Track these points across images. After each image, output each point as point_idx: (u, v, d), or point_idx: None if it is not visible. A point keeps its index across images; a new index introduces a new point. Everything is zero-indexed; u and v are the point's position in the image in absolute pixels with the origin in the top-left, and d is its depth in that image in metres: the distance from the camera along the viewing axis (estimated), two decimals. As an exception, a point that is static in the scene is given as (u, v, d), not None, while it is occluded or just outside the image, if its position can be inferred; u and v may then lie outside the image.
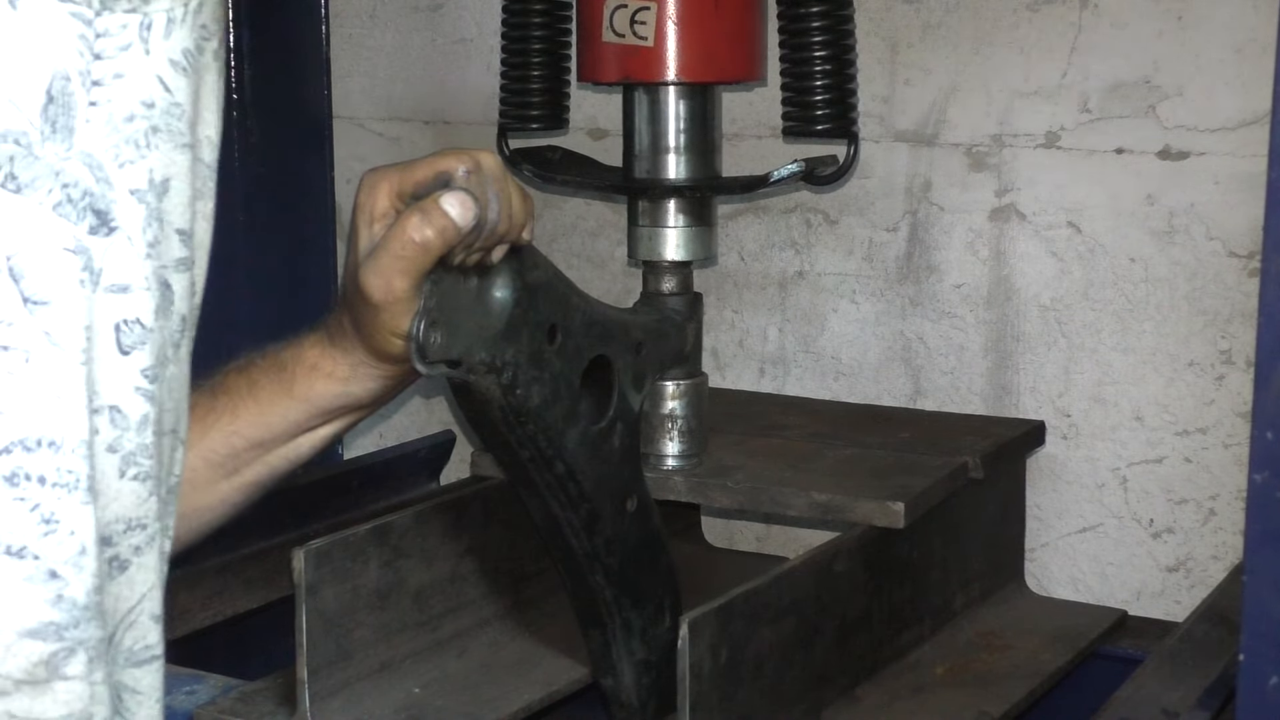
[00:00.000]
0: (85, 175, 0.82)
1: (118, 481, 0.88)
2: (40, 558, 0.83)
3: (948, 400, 2.00)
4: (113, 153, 0.84)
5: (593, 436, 1.43)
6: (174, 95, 0.86)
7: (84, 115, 0.82)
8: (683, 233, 1.69)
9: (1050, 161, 1.91)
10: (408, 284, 1.18)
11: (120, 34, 0.83)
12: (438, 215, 1.17)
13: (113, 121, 0.83)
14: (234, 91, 2.27)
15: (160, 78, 0.85)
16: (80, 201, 0.82)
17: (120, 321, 0.86)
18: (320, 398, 1.26)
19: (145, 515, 0.90)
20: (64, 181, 0.81)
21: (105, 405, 0.86)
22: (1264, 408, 1.02)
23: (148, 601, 0.92)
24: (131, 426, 0.88)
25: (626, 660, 1.53)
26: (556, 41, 1.81)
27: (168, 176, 0.87)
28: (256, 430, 1.25)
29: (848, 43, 1.73)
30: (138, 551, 0.91)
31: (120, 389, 0.87)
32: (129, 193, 0.85)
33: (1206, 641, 1.51)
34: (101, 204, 0.83)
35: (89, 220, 0.83)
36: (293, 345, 1.27)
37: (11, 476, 0.81)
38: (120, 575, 0.90)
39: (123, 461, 0.88)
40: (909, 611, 1.67)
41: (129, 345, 0.86)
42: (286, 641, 1.47)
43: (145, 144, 0.85)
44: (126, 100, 0.84)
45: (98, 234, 0.83)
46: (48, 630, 0.84)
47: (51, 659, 0.84)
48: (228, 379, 1.26)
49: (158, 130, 0.86)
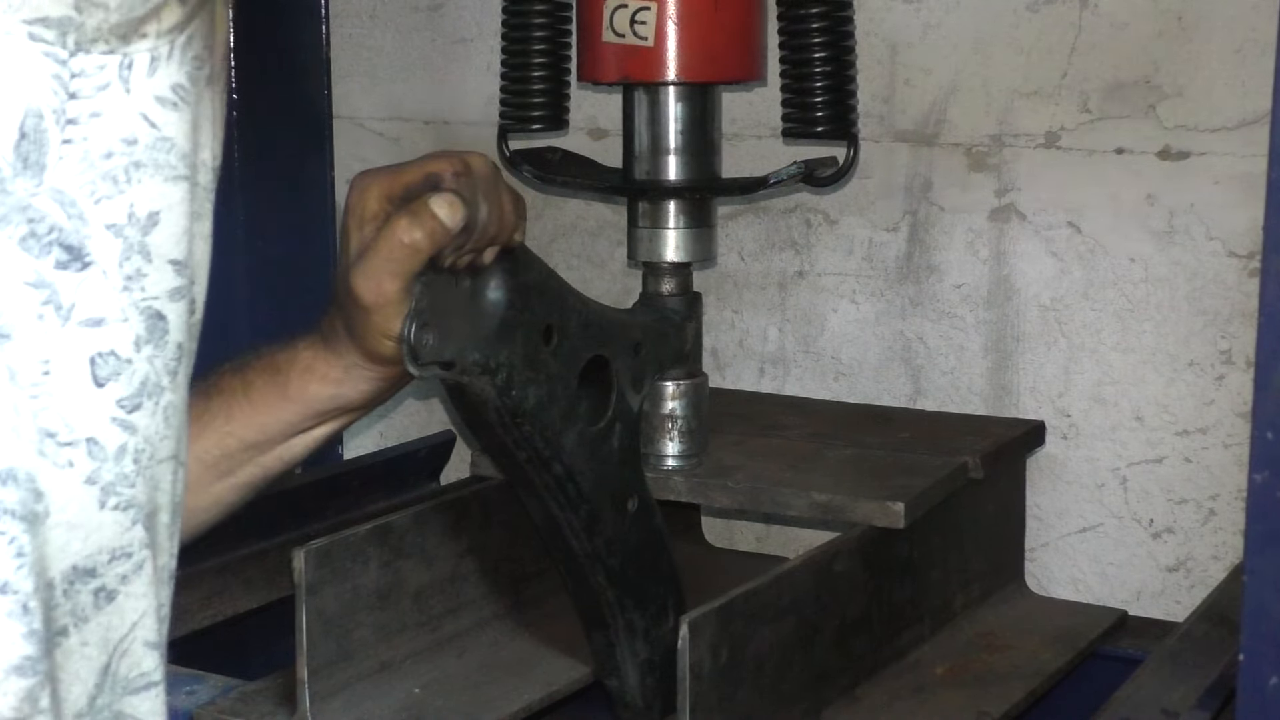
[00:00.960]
0: (55, 211, 0.82)
1: (99, 513, 0.87)
2: (18, 592, 0.83)
3: (948, 400, 2.00)
4: (88, 189, 0.83)
5: (591, 437, 1.43)
6: (161, 130, 0.86)
7: (57, 153, 0.82)
8: (682, 234, 1.69)
9: (1050, 161, 1.91)
10: (398, 286, 1.18)
11: (98, 74, 0.82)
12: (427, 217, 1.17)
13: (89, 158, 0.83)
14: (234, 92, 2.27)
15: (145, 115, 0.85)
16: (46, 236, 0.82)
17: (96, 355, 0.86)
18: (314, 399, 1.26)
19: (130, 544, 0.90)
20: (30, 217, 0.81)
21: (81, 438, 0.86)
22: (1264, 408, 1.02)
23: (140, 629, 0.92)
24: (109, 457, 0.87)
25: (630, 661, 1.53)
26: (557, 42, 1.81)
27: (155, 210, 0.87)
28: (251, 432, 1.25)
29: (847, 44, 1.73)
30: (124, 580, 0.90)
31: (95, 421, 0.86)
32: (105, 227, 0.84)
33: (1206, 641, 1.51)
34: (73, 239, 0.83)
35: (55, 254, 0.83)
36: (287, 347, 1.27)
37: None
38: (108, 605, 0.90)
39: (102, 492, 0.87)
40: (909, 611, 1.67)
41: (104, 377, 0.86)
42: (286, 641, 1.47)
43: (125, 179, 0.85)
44: (104, 138, 0.83)
45: (68, 269, 0.83)
46: (26, 665, 0.84)
47: (31, 693, 0.84)
48: (222, 380, 1.26)
49: (141, 165, 0.85)
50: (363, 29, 2.31)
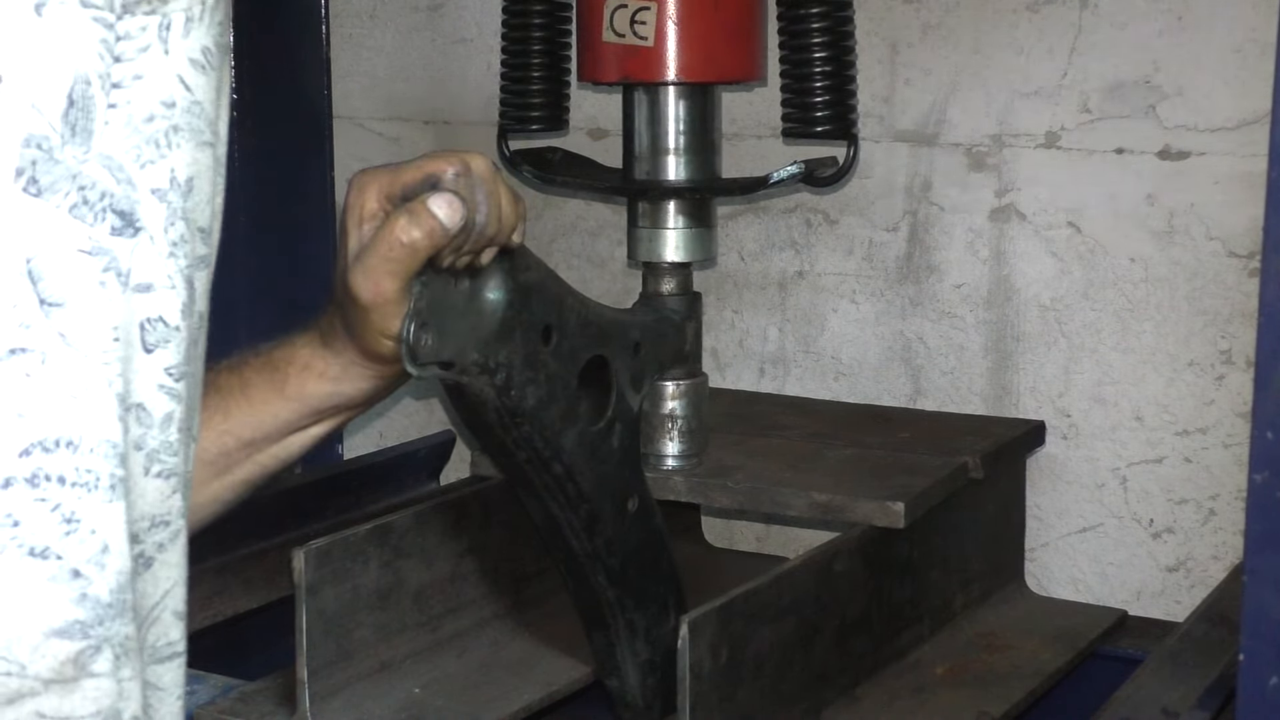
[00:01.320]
0: (104, 177, 0.83)
1: (143, 479, 0.88)
2: (63, 557, 0.84)
3: (948, 400, 2.00)
4: (134, 153, 0.84)
5: (591, 437, 1.43)
6: (194, 94, 0.87)
7: (103, 118, 0.82)
8: (682, 234, 1.69)
9: (1050, 161, 1.91)
10: (395, 285, 1.18)
11: (140, 36, 0.83)
12: (425, 217, 1.17)
13: (132, 123, 0.84)
14: (234, 91, 2.27)
15: (180, 77, 0.86)
16: (99, 203, 0.83)
17: (145, 320, 0.86)
18: (312, 397, 1.26)
19: (169, 512, 0.91)
20: (80, 184, 0.82)
21: (131, 403, 0.87)
22: (1264, 408, 1.02)
23: (170, 599, 0.93)
24: (155, 424, 0.88)
25: (631, 661, 1.52)
26: (557, 42, 1.81)
27: (191, 175, 0.88)
28: (248, 429, 1.26)
29: (848, 44, 1.73)
30: (161, 548, 0.91)
31: (145, 387, 0.87)
32: (150, 192, 0.85)
33: (1206, 641, 1.51)
34: (124, 205, 0.84)
35: (110, 221, 0.83)
36: (285, 345, 1.27)
37: (32, 478, 0.82)
38: (145, 572, 0.91)
39: (147, 459, 0.88)
40: (909, 611, 1.68)
41: (153, 344, 0.87)
42: (286, 641, 1.47)
43: (166, 143, 0.86)
44: (146, 101, 0.84)
45: (122, 235, 0.84)
46: (73, 629, 0.84)
47: (79, 657, 0.85)
48: (219, 378, 1.26)
49: (179, 129, 0.86)
50: (363, 29, 2.31)
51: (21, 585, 0.82)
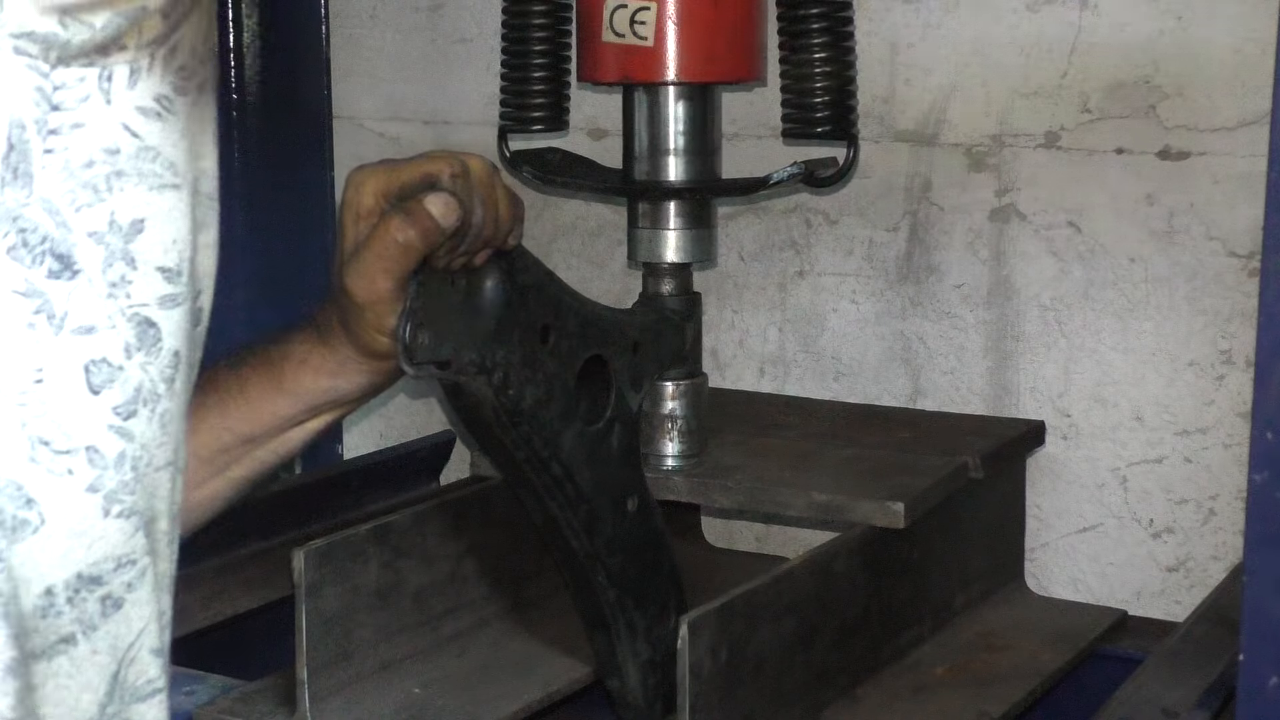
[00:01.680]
0: (45, 220, 0.83)
1: (103, 521, 0.88)
2: None
3: (948, 400, 2.00)
4: (69, 198, 0.84)
5: (590, 437, 1.43)
6: (144, 140, 0.86)
7: (40, 162, 0.82)
8: (683, 235, 1.69)
9: (1050, 161, 1.91)
10: (390, 283, 1.18)
11: (78, 86, 0.83)
12: (421, 216, 1.17)
13: (69, 168, 0.84)
14: (234, 91, 2.27)
15: (126, 125, 0.85)
16: (38, 246, 0.82)
17: (89, 362, 0.86)
18: (309, 392, 1.26)
19: (134, 551, 0.90)
20: (21, 226, 0.82)
21: (79, 446, 0.86)
22: (1264, 408, 1.02)
23: (145, 637, 0.93)
24: (110, 464, 0.88)
25: (632, 661, 1.52)
26: (557, 43, 1.81)
27: (139, 217, 0.87)
28: (246, 426, 1.25)
29: (847, 44, 1.73)
30: (130, 588, 0.91)
31: (93, 429, 0.87)
32: (87, 235, 0.85)
33: (1206, 641, 1.51)
34: (62, 248, 0.84)
35: (49, 264, 0.83)
36: (281, 340, 1.27)
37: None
38: (116, 613, 0.90)
39: (106, 500, 0.88)
40: (909, 611, 1.67)
41: (99, 384, 0.86)
42: (286, 641, 1.47)
43: (106, 188, 0.85)
44: (85, 148, 0.84)
45: (60, 278, 0.84)
46: (16, 667, 0.84)
47: (20, 694, 0.84)
48: (217, 376, 1.26)
49: (124, 174, 0.86)
50: (363, 29, 2.31)
51: None
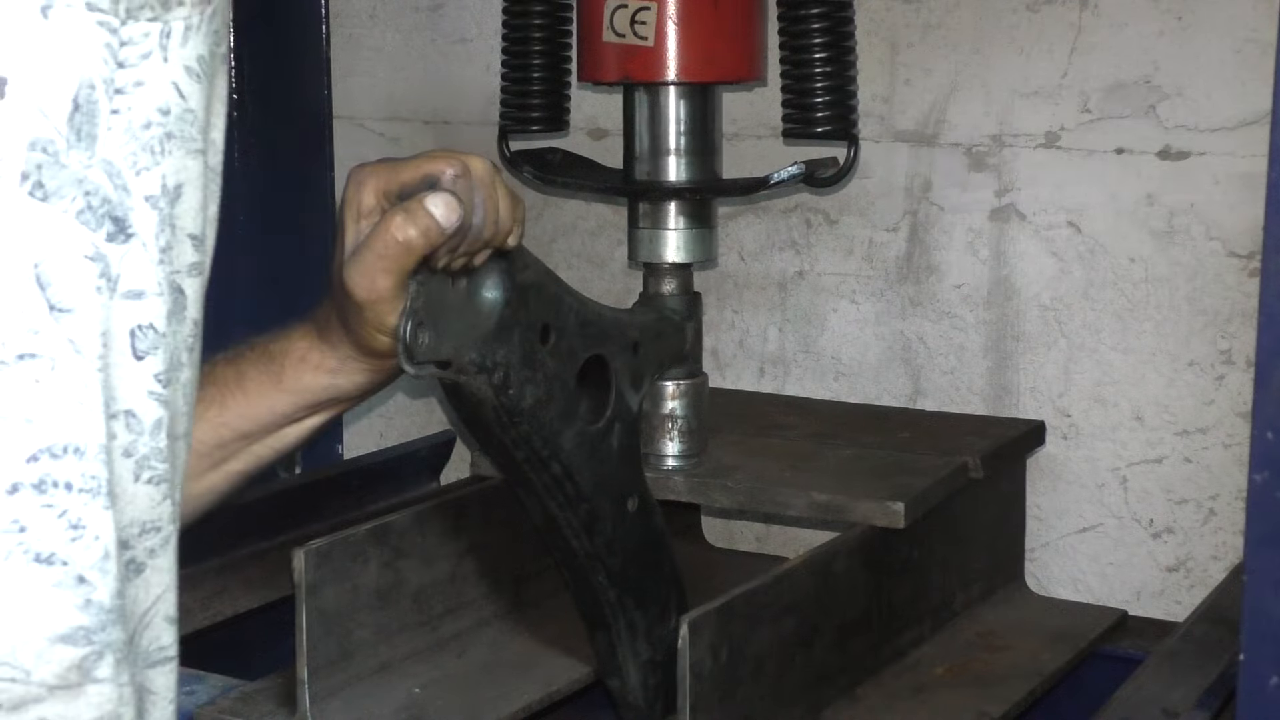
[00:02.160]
0: (105, 182, 0.83)
1: (133, 485, 0.89)
2: (69, 563, 0.84)
3: (948, 400, 2.00)
4: (130, 160, 0.84)
5: (590, 436, 1.43)
6: (188, 101, 0.87)
7: (106, 123, 0.83)
8: (683, 235, 1.69)
9: (1050, 161, 1.91)
10: (390, 283, 1.18)
11: (143, 42, 0.84)
12: (422, 215, 1.17)
13: (131, 129, 0.84)
14: (234, 91, 2.27)
15: (176, 84, 0.86)
16: (100, 209, 0.83)
17: (135, 327, 0.87)
18: (308, 390, 1.26)
19: (160, 518, 0.91)
20: (86, 189, 0.82)
21: (121, 410, 0.87)
22: (1264, 408, 1.02)
23: (162, 604, 0.94)
24: (146, 430, 0.88)
25: (632, 661, 1.52)
26: (557, 43, 1.81)
27: (180, 182, 0.88)
28: (244, 421, 1.26)
29: (848, 44, 1.73)
30: (152, 554, 0.91)
31: (135, 394, 0.87)
32: (144, 199, 0.85)
33: (1206, 641, 1.51)
34: (119, 211, 0.84)
35: (107, 227, 0.84)
36: (281, 337, 1.27)
37: (39, 484, 0.82)
38: (136, 578, 0.91)
39: (137, 465, 0.89)
40: (909, 611, 1.67)
41: (143, 350, 0.87)
42: (286, 641, 1.47)
43: (160, 150, 0.86)
44: (145, 107, 0.85)
45: (115, 240, 0.84)
46: (78, 635, 0.85)
47: (83, 663, 0.85)
48: (216, 370, 1.26)
49: (172, 136, 0.87)
50: (363, 29, 2.31)
51: (27, 591, 0.83)
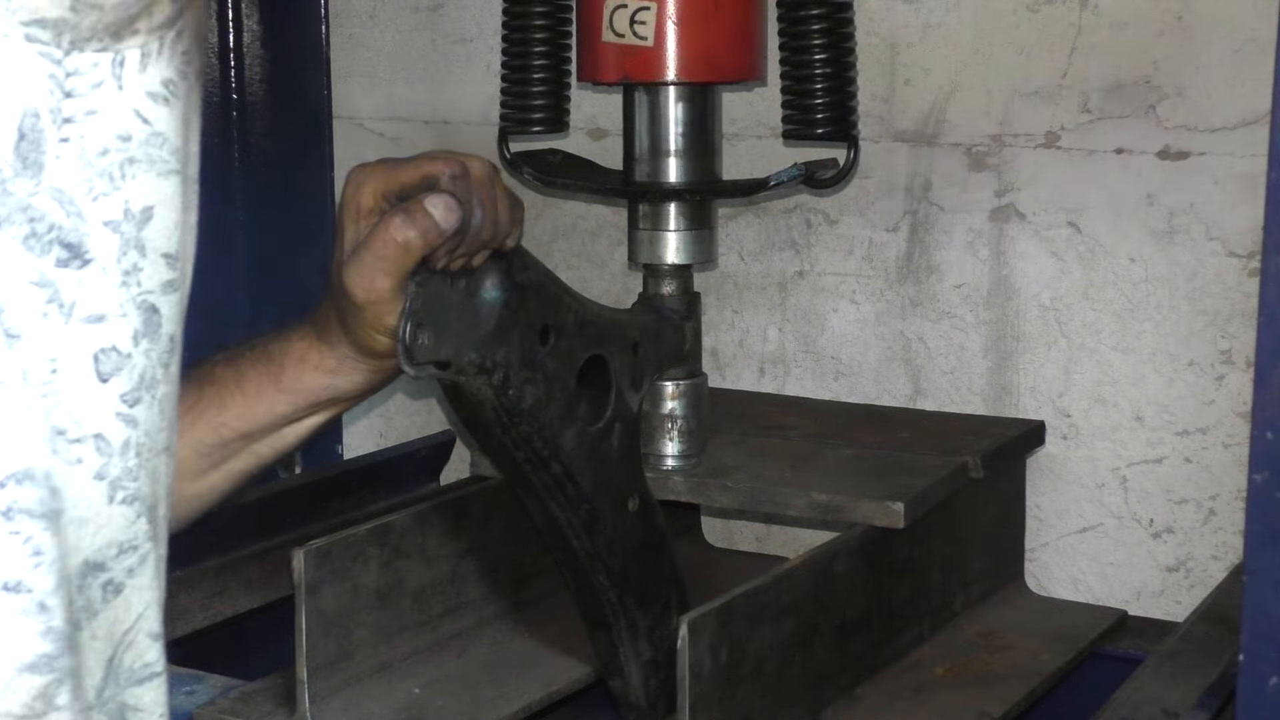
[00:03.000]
0: (54, 209, 0.83)
1: (107, 508, 0.88)
2: (33, 590, 0.83)
3: (948, 400, 2.00)
4: (85, 186, 0.84)
5: (590, 437, 1.43)
6: (153, 125, 0.86)
7: (54, 151, 0.82)
8: (683, 236, 1.69)
9: (1050, 161, 1.91)
10: (390, 283, 1.18)
11: (91, 72, 0.83)
12: (421, 216, 1.17)
13: (85, 156, 0.84)
14: (234, 91, 2.27)
15: (137, 111, 0.85)
16: (46, 235, 0.82)
17: (99, 351, 0.86)
18: (307, 390, 1.26)
19: (136, 537, 0.91)
20: (31, 216, 0.82)
21: (89, 434, 0.86)
22: (1264, 408, 1.02)
23: (144, 621, 0.93)
24: (115, 452, 0.88)
25: (634, 661, 1.52)
26: (558, 44, 1.80)
27: (150, 205, 0.87)
28: (244, 421, 1.26)
29: (848, 45, 1.73)
30: (131, 573, 0.91)
31: (101, 417, 0.87)
32: (103, 224, 0.85)
33: (1206, 641, 1.51)
34: (72, 237, 0.83)
35: (56, 253, 0.83)
36: (280, 337, 1.27)
37: (7, 511, 0.82)
38: (115, 598, 0.90)
39: (111, 488, 0.88)
40: (909, 611, 1.67)
41: (107, 373, 0.87)
42: (286, 641, 1.47)
43: (120, 175, 0.85)
44: (99, 135, 0.84)
45: (69, 266, 0.84)
46: (41, 662, 0.84)
47: (45, 690, 0.84)
48: (215, 370, 1.26)
49: (135, 161, 0.86)
50: (363, 29, 2.31)
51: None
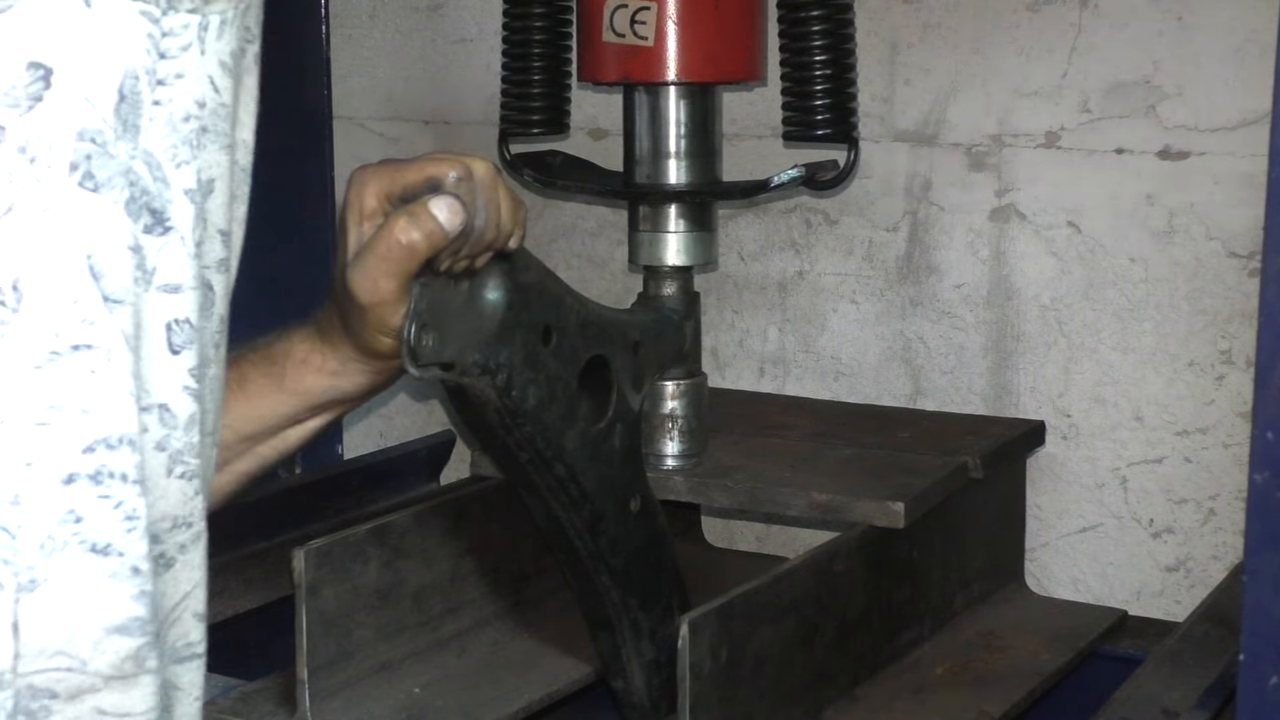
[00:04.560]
0: (145, 173, 0.83)
1: (165, 480, 0.89)
2: (125, 554, 0.84)
3: (948, 400, 2.00)
4: (170, 152, 0.85)
5: (593, 437, 1.43)
6: (221, 96, 0.88)
7: (149, 114, 0.83)
8: (684, 238, 1.69)
9: (1050, 161, 1.91)
10: (394, 285, 1.18)
11: (183, 34, 0.84)
12: (425, 219, 1.17)
13: (172, 121, 0.84)
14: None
15: (211, 78, 0.87)
16: (140, 200, 0.83)
17: (172, 321, 0.87)
18: (310, 391, 1.26)
19: (191, 513, 0.91)
20: (131, 180, 0.82)
21: (155, 404, 0.87)
22: (1264, 408, 1.02)
23: (191, 600, 0.94)
24: (179, 425, 0.89)
25: (636, 662, 1.52)
26: (558, 45, 1.80)
27: (212, 177, 0.88)
28: (247, 424, 1.26)
29: (848, 46, 1.73)
30: (183, 549, 0.92)
31: (170, 388, 0.87)
32: (183, 192, 0.86)
33: (1206, 641, 1.51)
34: (158, 203, 0.84)
35: (144, 219, 0.84)
36: (282, 339, 1.27)
37: (96, 475, 0.82)
38: (166, 573, 0.91)
39: (170, 460, 0.89)
40: (909, 611, 1.68)
41: (179, 345, 0.87)
42: (286, 641, 1.47)
43: (197, 144, 0.86)
44: (184, 100, 0.85)
45: (153, 233, 0.84)
46: (133, 625, 0.85)
47: (138, 653, 0.85)
48: None
49: (206, 130, 0.87)
50: (363, 29, 2.31)
51: (83, 581, 0.83)
